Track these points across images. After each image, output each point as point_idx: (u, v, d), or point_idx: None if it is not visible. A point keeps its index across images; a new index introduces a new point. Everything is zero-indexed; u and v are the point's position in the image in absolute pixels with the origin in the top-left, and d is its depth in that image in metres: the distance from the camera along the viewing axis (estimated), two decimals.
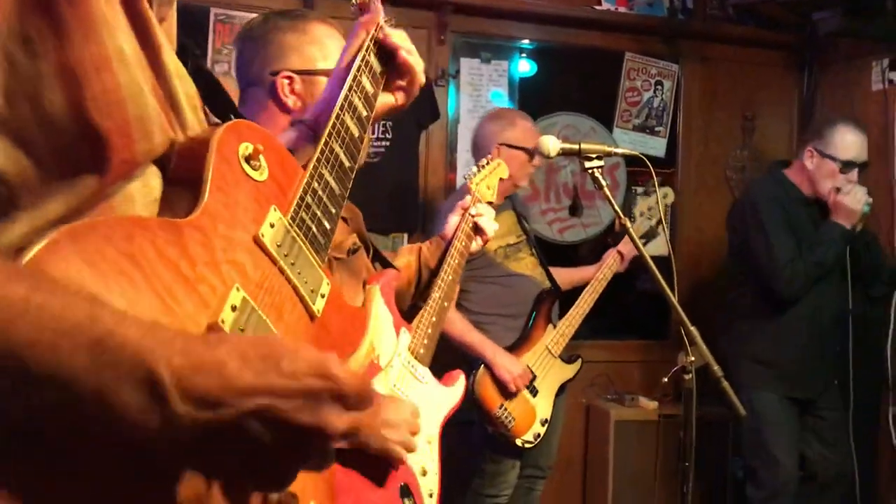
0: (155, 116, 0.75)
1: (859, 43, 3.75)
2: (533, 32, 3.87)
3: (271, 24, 1.58)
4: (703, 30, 4.04)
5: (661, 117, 4.05)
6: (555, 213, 3.98)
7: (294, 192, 0.91)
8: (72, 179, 0.70)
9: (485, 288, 3.00)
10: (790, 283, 3.00)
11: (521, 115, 3.18)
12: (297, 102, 1.53)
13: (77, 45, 0.68)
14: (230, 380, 0.60)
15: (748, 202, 3.24)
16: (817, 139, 3.12)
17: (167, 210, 0.78)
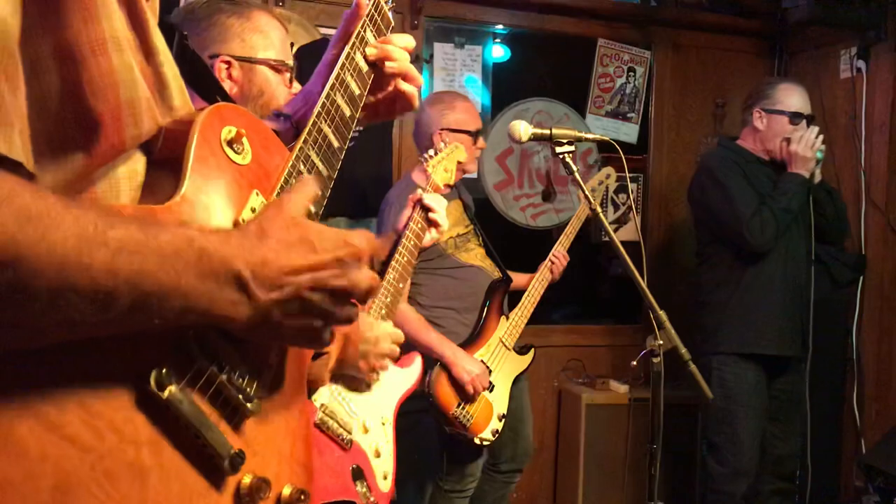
0: (144, 102, 0.76)
1: (829, 31, 3.80)
2: (507, 18, 3.87)
3: (215, 7, 1.59)
4: (675, 17, 4.07)
5: (634, 103, 4.08)
6: (528, 199, 3.99)
7: (279, 175, 0.91)
8: (62, 157, 0.70)
9: (436, 280, 2.95)
10: (761, 231, 3.02)
11: (460, 97, 3.10)
12: (233, 88, 1.55)
13: (76, 27, 0.69)
14: (284, 265, 0.74)
15: (703, 169, 3.28)
16: (762, 100, 3.20)
17: (149, 194, 0.78)
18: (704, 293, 3.28)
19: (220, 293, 0.70)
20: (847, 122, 3.76)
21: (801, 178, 3.08)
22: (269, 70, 1.58)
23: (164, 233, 0.67)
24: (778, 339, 3.13)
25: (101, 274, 0.62)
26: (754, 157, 3.21)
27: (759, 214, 3.03)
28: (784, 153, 3.12)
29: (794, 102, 3.16)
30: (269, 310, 0.73)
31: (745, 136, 3.27)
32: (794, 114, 3.14)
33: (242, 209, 0.83)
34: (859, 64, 3.70)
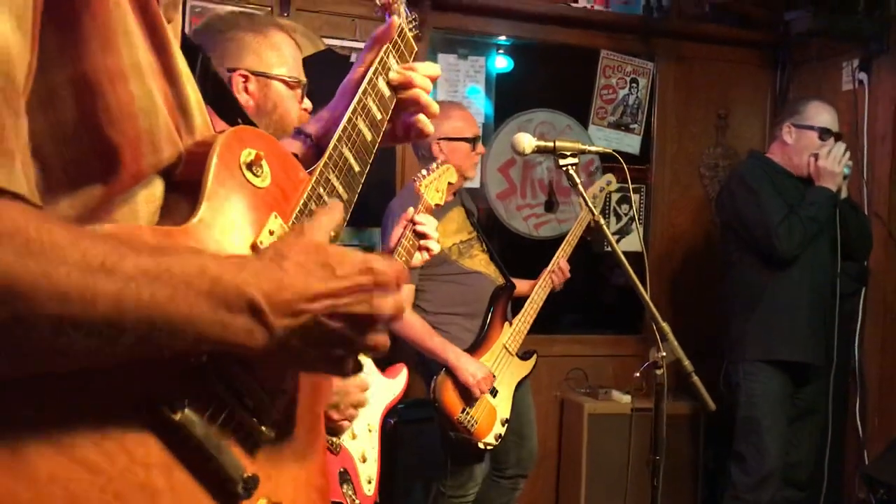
0: (164, 129, 0.75)
1: (831, 43, 3.82)
2: (510, 29, 3.89)
3: (234, 22, 1.64)
4: (677, 28, 4.09)
5: (637, 114, 4.09)
6: (530, 209, 4.01)
7: (298, 198, 0.91)
8: (78, 188, 0.70)
9: (440, 287, 2.97)
10: (788, 237, 3.09)
11: (455, 106, 3.13)
12: (249, 101, 1.59)
13: (94, 56, 0.68)
14: (302, 291, 0.72)
15: (735, 178, 3.36)
16: (794, 115, 3.28)
17: (167, 216, 0.78)
18: (729, 301, 3.33)
19: (234, 321, 0.68)
20: (848, 133, 3.77)
21: (829, 192, 3.15)
22: (283, 86, 1.63)
23: (177, 262, 0.66)
24: (803, 346, 3.18)
25: (106, 308, 0.62)
26: (783, 170, 3.28)
27: (787, 221, 3.10)
28: (812, 168, 3.20)
29: (824, 119, 3.23)
30: (287, 337, 0.71)
31: (774, 150, 3.34)
32: (824, 129, 3.22)
33: (261, 232, 0.83)
34: (861, 76, 3.71)
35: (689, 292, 3.96)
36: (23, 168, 0.62)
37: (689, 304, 3.88)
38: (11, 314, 0.58)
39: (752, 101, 4.19)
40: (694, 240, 3.91)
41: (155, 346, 0.65)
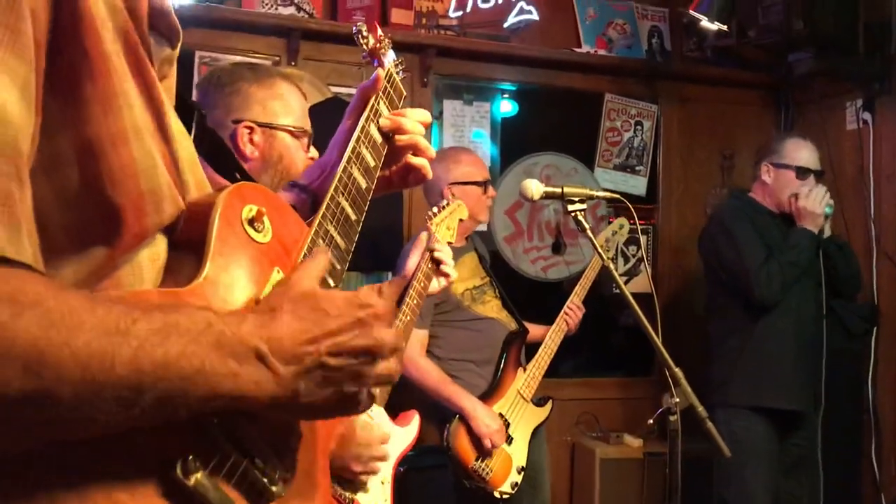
0: (166, 188, 0.76)
1: (834, 83, 3.85)
2: (514, 74, 3.93)
3: (238, 75, 1.65)
4: (680, 71, 4.12)
5: (642, 156, 4.11)
6: (538, 252, 4.00)
7: (298, 251, 0.91)
8: (82, 251, 0.70)
9: (453, 333, 2.95)
10: (767, 284, 3.02)
11: (464, 151, 3.18)
12: (254, 152, 1.60)
13: (96, 120, 0.69)
14: (299, 338, 0.73)
15: (715, 221, 3.32)
16: (770, 154, 3.25)
17: (171, 277, 0.78)
18: (714, 344, 3.27)
19: (242, 371, 0.69)
20: (854, 173, 3.77)
21: (810, 234, 3.10)
22: (289, 136, 1.63)
23: (184, 318, 0.67)
24: (789, 393, 3.10)
25: (125, 371, 0.63)
26: (765, 210, 3.24)
27: (766, 267, 3.04)
28: (792, 208, 3.15)
29: (802, 157, 3.19)
30: (295, 383, 0.72)
31: (756, 189, 3.31)
32: (801, 168, 3.17)
33: (264, 287, 0.83)
34: (865, 116, 3.73)
35: (699, 334, 3.92)
36: (28, 237, 0.62)
37: (699, 346, 3.84)
38: (36, 385, 0.59)
39: (757, 141, 4.19)
40: (702, 281, 3.89)
41: (171, 406, 0.66)
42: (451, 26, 3.76)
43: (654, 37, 4.16)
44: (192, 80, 3.38)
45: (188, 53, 3.34)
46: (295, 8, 3.54)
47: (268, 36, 3.46)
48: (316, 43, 3.47)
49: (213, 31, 3.37)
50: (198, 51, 3.38)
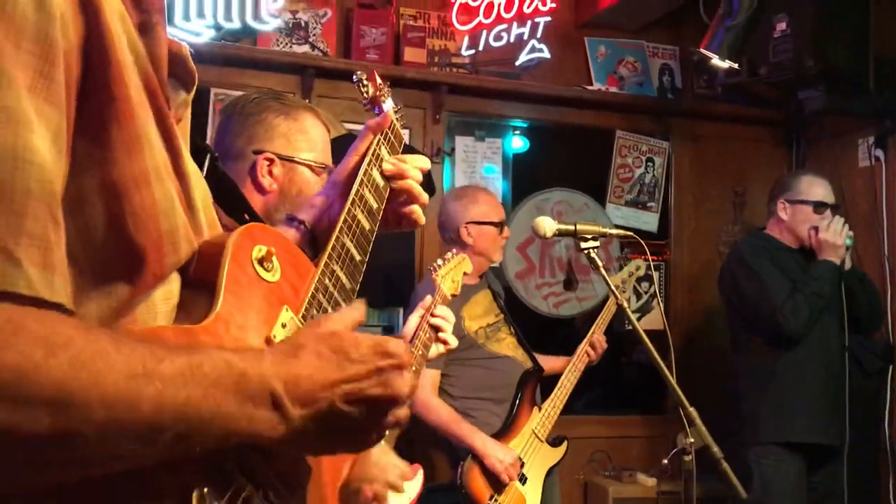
0: (182, 228, 0.78)
1: (846, 120, 3.85)
2: (526, 111, 3.96)
3: (264, 105, 1.62)
4: (691, 108, 4.15)
5: (653, 193, 4.12)
6: (550, 288, 4.00)
7: (306, 290, 0.93)
8: (106, 288, 0.72)
9: (467, 371, 2.93)
10: (795, 315, 3.02)
11: (482, 191, 3.20)
12: (273, 185, 1.57)
13: (121, 162, 0.71)
14: (318, 380, 0.74)
15: (734, 258, 3.31)
16: (785, 192, 3.26)
17: (184, 315, 0.80)
18: (741, 382, 3.26)
19: (258, 414, 0.71)
20: (868, 210, 3.76)
21: (832, 265, 3.10)
22: (309, 171, 1.60)
23: (207, 361, 0.69)
24: (816, 427, 3.09)
25: (149, 411, 0.64)
26: (783, 246, 3.25)
27: (792, 299, 3.04)
28: (813, 241, 3.16)
29: (818, 192, 3.21)
30: (303, 425, 0.73)
31: (772, 227, 3.32)
32: (818, 203, 3.20)
33: (273, 325, 0.85)
34: (878, 153, 3.73)
35: (713, 371, 3.89)
36: (61, 278, 0.65)
37: (714, 383, 3.80)
38: (65, 425, 0.60)
39: (768, 178, 4.19)
40: (715, 318, 3.86)
41: (189, 443, 0.67)
42: (463, 64, 3.80)
43: (665, 74, 4.19)
44: (206, 117, 3.43)
45: (204, 90, 3.39)
46: (309, 46, 3.60)
47: (283, 73, 3.51)
48: (330, 80, 3.52)
49: (228, 69, 3.42)
50: (213, 88, 3.43)
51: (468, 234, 2.98)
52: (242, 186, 1.55)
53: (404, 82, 3.59)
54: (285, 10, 3.55)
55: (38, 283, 0.62)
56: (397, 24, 3.74)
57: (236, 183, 1.03)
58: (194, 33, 3.34)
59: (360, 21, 3.64)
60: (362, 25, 3.64)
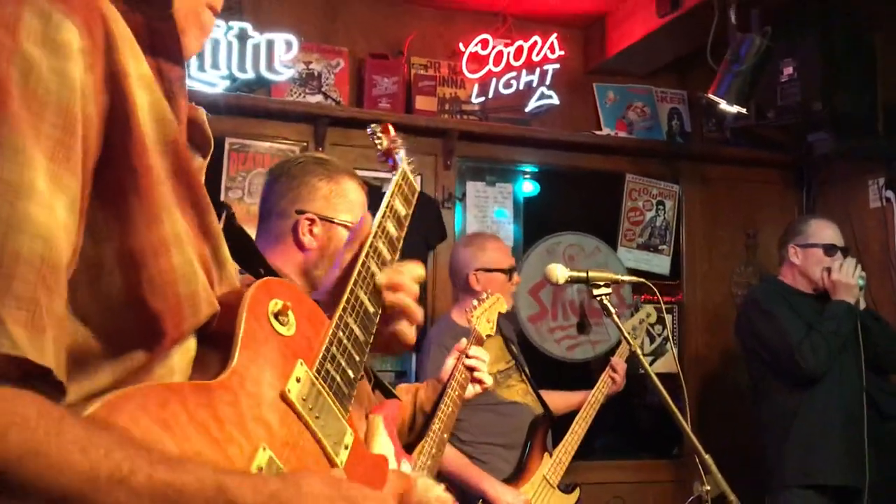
0: (203, 291, 0.79)
1: (855, 162, 3.87)
2: (536, 156, 3.99)
3: (309, 168, 1.71)
4: (701, 151, 4.17)
5: (665, 236, 4.12)
6: (563, 331, 3.99)
7: (320, 344, 0.94)
8: (122, 354, 0.72)
9: (478, 416, 2.91)
10: (814, 355, 3.02)
11: (491, 238, 3.23)
12: (313, 243, 1.65)
13: (139, 231, 0.72)
14: None
15: (750, 304, 3.34)
16: (795, 236, 3.29)
17: (200, 369, 0.81)
18: (763, 428, 3.25)
19: None
20: (879, 251, 3.75)
21: (847, 304, 3.11)
22: (347, 231, 1.67)
23: (192, 481, 0.66)
24: (838, 468, 3.06)
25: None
26: (797, 291, 3.27)
27: (809, 338, 3.05)
28: (826, 282, 3.18)
29: (827, 235, 3.24)
30: None
31: (785, 272, 3.33)
32: (829, 245, 3.22)
33: (288, 380, 0.86)
34: (888, 194, 3.73)
35: (728, 414, 3.85)
36: (54, 343, 0.64)
37: (728, 427, 3.77)
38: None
39: (779, 220, 4.20)
40: (730, 360, 3.84)
41: None
42: (473, 111, 3.86)
43: (674, 118, 4.23)
44: (221, 166, 3.48)
45: (219, 140, 3.43)
46: (322, 96, 3.66)
47: (296, 123, 3.56)
48: (342, 129, 3.57)
49: (243, 119, 3.48)
50: (228, 138, 3.49)
51: (477, 282, 3.00)
52: (284, 243, 1.65)
53: (416, 130, 3.64)
54: (298, 60, 3.62)
55: (23, 344, 0.61)
56: (408, 74, 3.81)
57: (251, 238, 1.05)
58: (209, 84, 3.41)
59: (371, 71, 3.71)
60: (374, 75, 3.70)
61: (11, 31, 0.64)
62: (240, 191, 3.49)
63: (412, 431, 1.91)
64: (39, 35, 0.65)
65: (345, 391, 0.95)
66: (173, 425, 0.71)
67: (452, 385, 1.91)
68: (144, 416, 0.69)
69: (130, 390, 0.70)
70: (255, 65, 3.49)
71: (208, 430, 0.74)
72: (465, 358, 1.94)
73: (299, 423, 0.85)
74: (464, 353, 1.95)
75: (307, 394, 0.88)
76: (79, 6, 0.69)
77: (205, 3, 0.90)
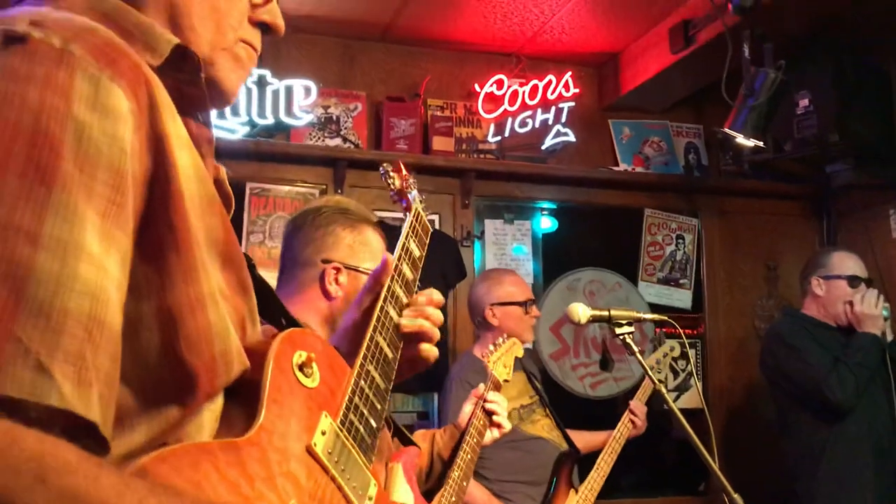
0: (235, 349, 0.80)
1: (874, 191, 3.85)
2: (553, 193, 4.01)
3: (333, 218, 1.74)
4: (719, 185, 4.17)
5: (685, 269, 4.11)
6: (585, 368, 3.96)
7: (343, 394, 0.95)
8: (157, 411, 0.74)
9: (502, 453, 2.89)
10: (841, 387, 2.98)
11: (507, 272, 3.25)
12: (339, 292, 1.67)
13: (178, 287, 0.74)
14: None
15: (773, 338, 3.30)
16: (819, 269, 3.26)
17: (227, 423, 0.81)
18: (792, 463, 3.20)
19: None
20: None
21: (873, 336, 3.08)
22: None
23: None
24: (872, 502, 3.01)
25: None
26: (821, 324, 3.23)
27: (836, 371, 3.01)
28: (850, 315, 3.15)
29: (850, 266, 3.22)
30: None
31: (808, 305, 3.31)
32: (852, 277, 3.20)
33: (314, 433, 0.87)
34: None
35: (755, 448, 3.80)
36: (100, 399, 0.66)
37: (756, 461, 3.71)
38: None
39: (800, 251, 4.18)
40: (755, 393, 3.80)
41: None
42: (490, 150, 3.89)
43: (691, 152, 4.24)
44: (242, 211, 3.52)
45: (240, 185, 3.49)
46: (341, 139, 3.71)
47: (316, 166, 3.61)
48: (361, 171, 3.61)
49: (263, 164, 3.53)
50: (248, 183, 3.53)
51: (493, 316, 3.02)
52: (309, 292, 1.67)
53: (433, 170, 3.67)
54: (317, 105, 3.68)
55: (71, 397, 0.63)
56: (425, 115, 3.85)
57: (272, 288, 1.07)
58: (230, 130, 3.47)
59: (389, 113, 3.76)
60: (391, 117, 3.75)
61: (65, 96, 0.67)
62: (261, 234, 3.53)
63: (430, 478, 1.90)
64: (90, 99, 0.68)
65: (368, 441, 0.96)
66: (206, 486, 0.72)
67: (471, 432, 1.90)
68: (178, 478, 0.70)
69: (164, 452, 0.71)
70: (275, 110, 3.54)
71: (239, 488, 0.75)
72: (484, 402, 1.93)
73: (325, 476, 0.86)
74: (482, 399, 1.94)
75: (332, 446, 0.88)
76: (126, 70, 0.72)
77: (235, 39, 0.91)
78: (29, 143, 0.65)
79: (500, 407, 1.94)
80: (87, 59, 0.69)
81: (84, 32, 0.72)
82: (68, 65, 0.68)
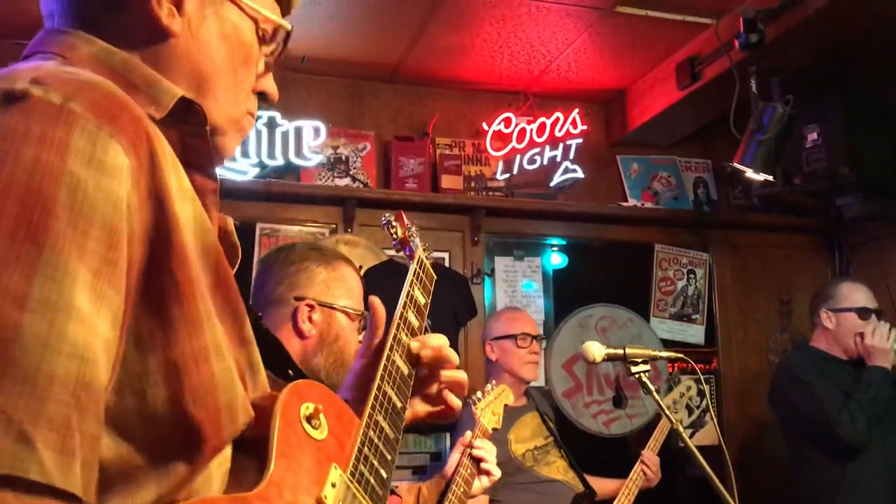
0: (240, 399, 0.79)
1: (886, 223, 3.83)
2: (563, 230, 4.01)
3: (306, 255, 1.71)
4: (729, 219, 4.16)
5: (697, 305, 4.08)
6: (599, 406, 3.92)
7: (352, 445, 0.93)
8: (164, 467, 0.72)
9: (517, 496, 2.86)
10: (852, 424, 2.93)
11: (509, 308, 3.30)
12: (312, 330, 1.63)
13: (182, 340, 0.73)
14: None
15: (783, 373, 3.25)
16: (827, 301, 3.22)
17: (236, 478, 0.80)
18: (805, 501, 3.14)
19: None
20: None
21: (883, 370, 3.04)
22: (346, 317, 1.67)
23: None
24: None
25: None
26: (831, 357, 3.19)
27: (847, 408, 2.96)
28: (860, 348, 3.11)
29: (860, 298, 3.18)
30: None
31: (818, 338, 3.26)
32: (862, 309, 3.15)
33: (324, 486, 0.85)
34: None
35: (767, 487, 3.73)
36: (83, 466, 0.64)
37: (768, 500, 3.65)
38: None
39: (812, 284, 4.13)
40: (769, 428, 3.74)
41: None
42: (498, 188, 3.90)
43: (700, 187, 4.24)
44: (252, 252, 3.53)
45: (250, 225, 3.50)
46: (350, 179, 3.73)
47: (325, 206, 3.62)
48: (371, 210, 3.61)
49: (273, 204, 3.54)
50: (259, 223, 3.54)
51: (492, 351, 3.06)
52: (283, 331, 1.62)
53: (443, 208, 3.68)
54: (326, 145, 3.71)
55: (51, 468, 0.61)
56: (434, 154, 3.87)
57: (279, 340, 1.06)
58: (240, 172, 3.49)
59: (398, 153, 3.78)
60: (400, 157, 3.77)
61: (60, 153, 0.67)
62: None
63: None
64: (87, 155, 0.68)
65: (379, 492, 0.94)
66: None
67: (457, 481, 1.84)
68: None
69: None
70: (285, 151, 3.57)
71: None
72: (471, 449, 1.88)
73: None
74: (468, 447, 1.89)
75: (343, 498, 0.87)
76: (126, 126, 0.71)
77: (244, 111, 0.93)
78: (20, 202, 0.65)
79: (488, 454, 1.89)
80: (87, 115, 0.69)
81: (85, 88, 0.72)
82: (66, 122, 0.68)
